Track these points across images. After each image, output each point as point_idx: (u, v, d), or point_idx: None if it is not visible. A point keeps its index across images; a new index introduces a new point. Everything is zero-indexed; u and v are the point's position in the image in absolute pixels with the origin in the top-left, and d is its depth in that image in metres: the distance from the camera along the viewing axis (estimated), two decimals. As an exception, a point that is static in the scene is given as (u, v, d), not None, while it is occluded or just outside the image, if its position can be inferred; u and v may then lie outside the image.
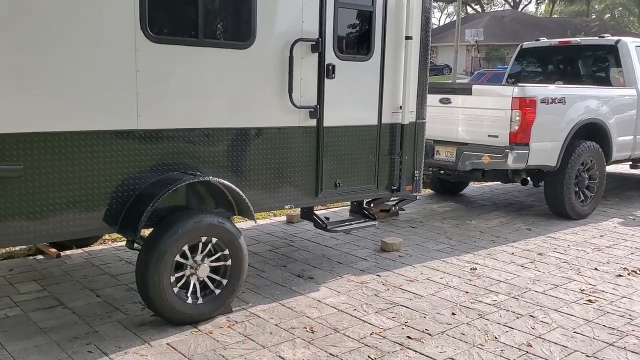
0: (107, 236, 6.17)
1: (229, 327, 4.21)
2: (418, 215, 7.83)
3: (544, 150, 7.22)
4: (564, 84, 9.10)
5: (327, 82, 5.01)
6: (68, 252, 5.83)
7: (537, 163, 7.23)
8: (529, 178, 7.82)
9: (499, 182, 10.03)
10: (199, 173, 4.31)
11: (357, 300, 4.75)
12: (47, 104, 3.68)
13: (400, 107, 5.58)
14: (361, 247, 6.29)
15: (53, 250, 5.72)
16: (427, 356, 3.83)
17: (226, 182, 4.34)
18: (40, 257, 5.67)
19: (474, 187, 9.98)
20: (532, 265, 5.79)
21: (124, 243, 6.14)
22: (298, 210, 7.17)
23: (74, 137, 3.81)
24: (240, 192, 4.39)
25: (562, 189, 7.49)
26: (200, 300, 4.24)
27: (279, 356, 3.79)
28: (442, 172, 7.84)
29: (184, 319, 4.17)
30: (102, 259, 5.68)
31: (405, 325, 4.30)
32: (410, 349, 3.93)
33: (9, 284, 4.95)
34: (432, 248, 6.30)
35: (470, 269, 5.62)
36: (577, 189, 7.67)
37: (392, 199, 5.99)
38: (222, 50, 4.37)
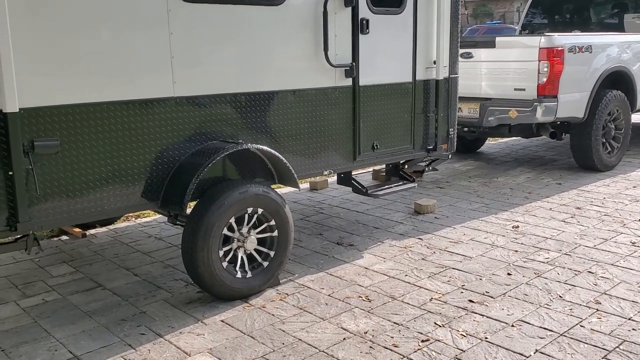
0: (130, 212, 5.94)
1: (281, 300, 4.03)
2: (442, 175, 7.63)
3: (572, 101, 7.00)
4: (580, 32, 8.84)
5: (362, 38, 4.73)
6: (93, 231, 5.60)
7: (565, 115, 7.01)
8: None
9: (514, 138, 9.85)
10: (240, 141, 4.06)
11: (405, 266, 4.58)
12: (79, 73, 3.39)
13: (434, 62, 5.32)
14: (394, 210, 6.09)
15: (77, 230, 5.48)
16: (495, 319, 3.67)
17: (270, 150, 4.10)
18: (65, 237, 5.43)
19: (490, 144, 9.78)
20: (574, 219, 5.63)
21: (148, 219, 5.94)
22: (321, 177, 6.98)
23: (110, 107, 3.54)
24: (284, 160, 4.15)
25: (590, 141, 7.30)
26: (249, 274, 4.04)
27: (342, 327, 3.61)
28: (465, 129, 7.60)
29: (234, 294, 3.97)
30: (130, 236, 5.45)
31: (463, 289, 4.13)
32: (476, 312, 3.77)
33: (39, 267, 4.72)
34: (467, 208, 6.12)
35: (512, 227, 5.45)
36: (604, 140, 7.49)
37: (425, 159, 5.78)
38: (255, 7, 4.08)
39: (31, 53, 3.21)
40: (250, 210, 3.98)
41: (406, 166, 5.71)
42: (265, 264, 4.13)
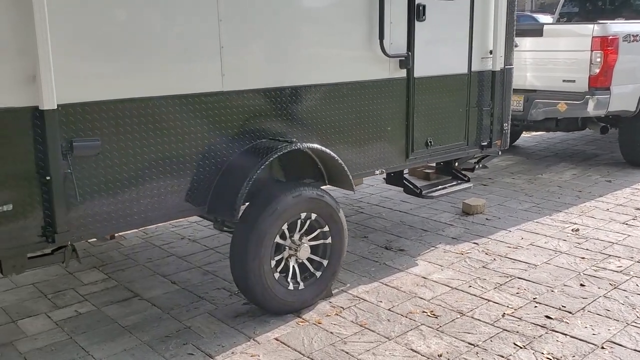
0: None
1: (336, 314, 3.67)
2: (483, 171, 7.21)
3: (625, 93, 6.59)
4: (625, 20, 8.39)
5: (417, 25, 4.34)
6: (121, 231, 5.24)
7: (617, 108, 6.60)
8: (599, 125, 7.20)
9: (539, 131, 9.42)
10: (294, 139, 3.69)
11: (466, 275, 4.21)
12: (121, 66, 3.02)
13: (490, 52, 4.92)
14: (439, 210, 5.72)
15: (106, 230, 5.13)
16: (581, 340, 3.29)
17: (325, 149, 3.72)
18: (92, 239, 5.08)
19: (525, 137, 9.35)
20: (637, 222, 5.23)
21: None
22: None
23: (155, 103, 3.16)
24: (339, 160, 3.77)
25: (641, 136, 6.90)
26: (301, 286, 3.69)
27: (411, 349, 3.25)
28: (507, 122, 7.18)
29: (286, 308, 3.62)
30: (162, 238, 5.11)
31: (536, 302, 3.76)
32: (557, 331, 3.39)
33: (68, 273, 4.38)
34: (517, 208, 5.73)
35: (572, 230, 5.07)
36: (655, 135, 7.07)
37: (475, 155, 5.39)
38: (308, -9, 3.69)
39: (69, 43, 2.84)
40: (303, 215, 3.62)
41: (456, 164, 5.33)
42: (318, 274, 3.77)
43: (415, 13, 4.29)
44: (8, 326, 3.60)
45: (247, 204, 3.49)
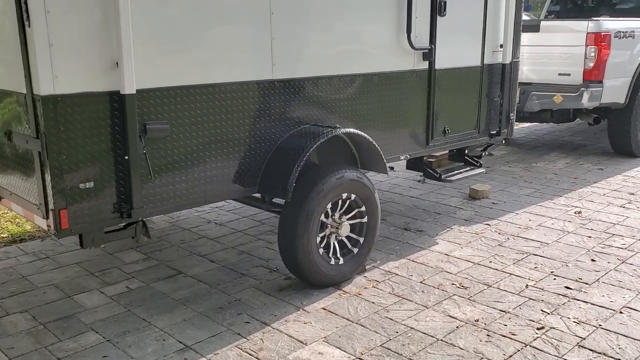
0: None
1: (373, 287, 3.96)
2: (482, 159, 7.58)
3: (616, 86, 7.01)
4: (609, 17, 8.84)
5: (439, 19, 4.64)
6: (147, 216, 5.45)
7: (608, 100, 7.02)
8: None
9: (532, 122, 9.82)
10: (337, 125, 3.95)
11: (484, 252, 4.54)
12: (187, 55, 3.25)
13: (501, 46, 5.26)
14: (448, 195, 6.05)
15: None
16: (601, 306, 3.65)
17: (363, 134, 4.00)
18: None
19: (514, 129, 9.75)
20: (633, 205, 5.64)
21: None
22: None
23: (214, 89, 3.40)
24: (376, 145, 4.06)
25: (629, 127, 7.33)
26: (341, 261, 3.97)
27: (449, 315, 3.56)
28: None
29: (327, 281, 3.90)
30: (188, 222, 5.33)
31: (554, 275, 4.11)
32: (578, 299, 3.74)
33: (107, 254, 4.58)
34: (520, 193, 6.10)
35: (575, 212, 5.45)
36: (641, 126, 7.53)
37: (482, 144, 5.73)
38: (347, -13, 3.96)
39: (146, 34, 3.06)
40: (344, 195, 3.90)
41: (466, 151, 5.66)
42: (355, 250, 4.06)
43: (438, 8, 4.59)
44: (66, 300, 3.80)
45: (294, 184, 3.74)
